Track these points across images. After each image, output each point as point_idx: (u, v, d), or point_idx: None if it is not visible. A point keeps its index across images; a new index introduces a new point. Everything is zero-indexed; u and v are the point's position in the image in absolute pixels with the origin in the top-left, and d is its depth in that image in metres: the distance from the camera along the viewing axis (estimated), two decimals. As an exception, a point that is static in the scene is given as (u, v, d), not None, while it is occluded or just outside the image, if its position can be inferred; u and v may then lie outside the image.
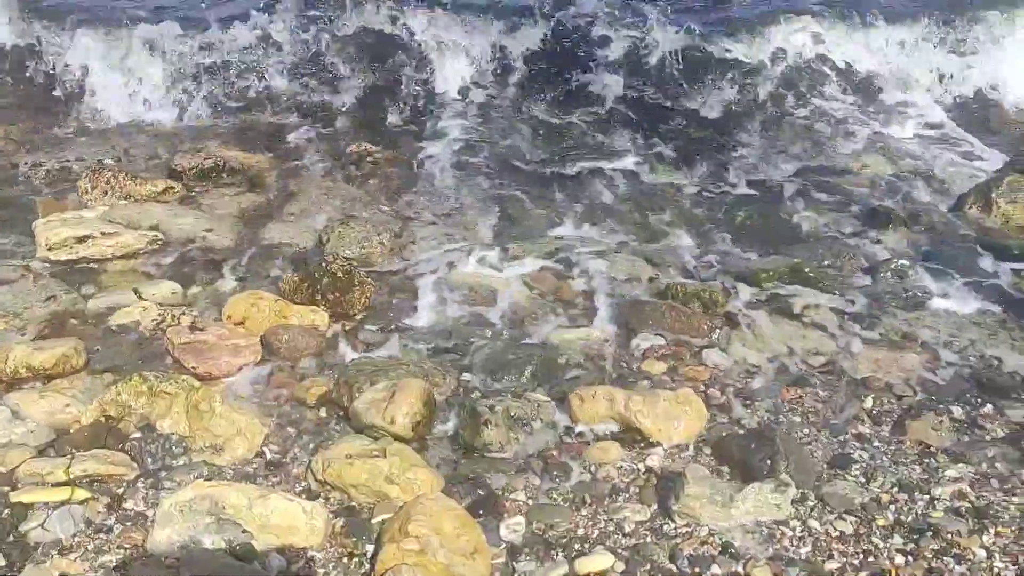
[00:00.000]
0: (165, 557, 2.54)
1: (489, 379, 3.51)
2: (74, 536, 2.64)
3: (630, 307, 4.04)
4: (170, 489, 2.84)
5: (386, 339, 3.82)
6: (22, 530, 2.64)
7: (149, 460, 2.99)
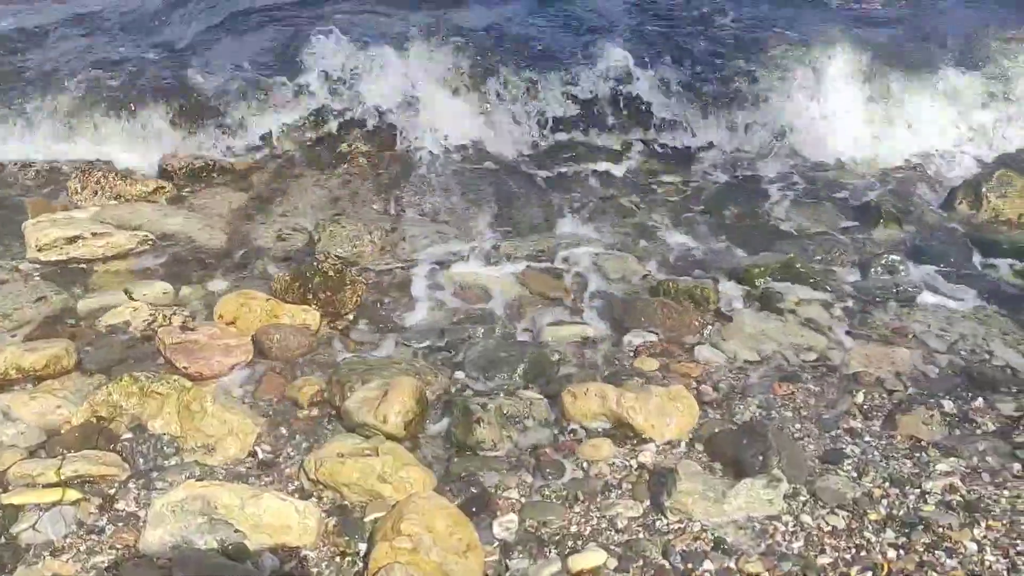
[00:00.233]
0: (157, 558, 2.53)
1: (481, 377, 3.51)
2: (66, 537, 2.63)
3: (622, 304, 4.05)
4: (162, 489, 2.83)
5: (378, 338, 3.83)
6: (13, 532, 2.62)
7: (140, 460, 2.98)
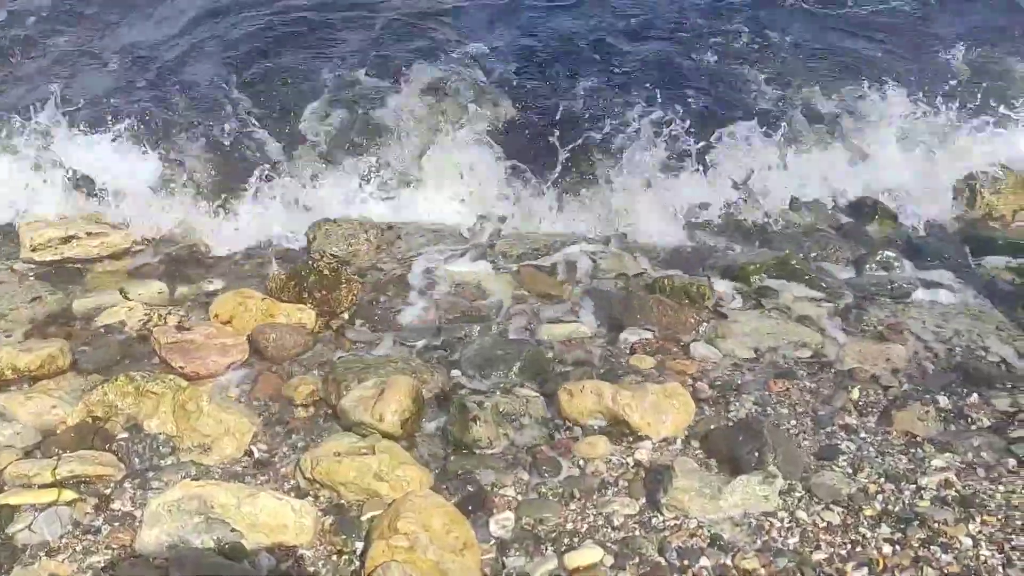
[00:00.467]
0: (154, 557, 2.53)
1: (478, 375, 3.51)
2: (62, 537, 2.63)
3: (618, 302, 4.05)
4: (158, 489, 2.82)
5: (374, 336, 3.82)
6: (9, 532, 2.62)
7: (136, 460, 2.98)
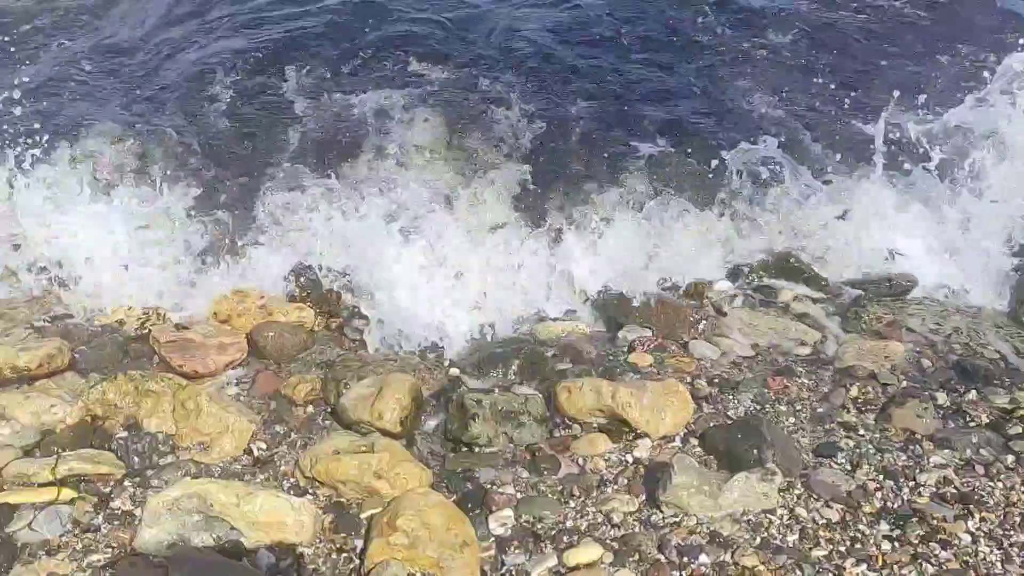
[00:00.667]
0: (153, 556, 2.54)
1: (476, 373, 3.52)
2: (61, 536, 2.63)
3: (617, 299, 4.05)
4: (157, 488, 2.83)
5: (373, 335, 3.81)
6: (9, 531, 2.62)
7: (136, 459, 2.98)
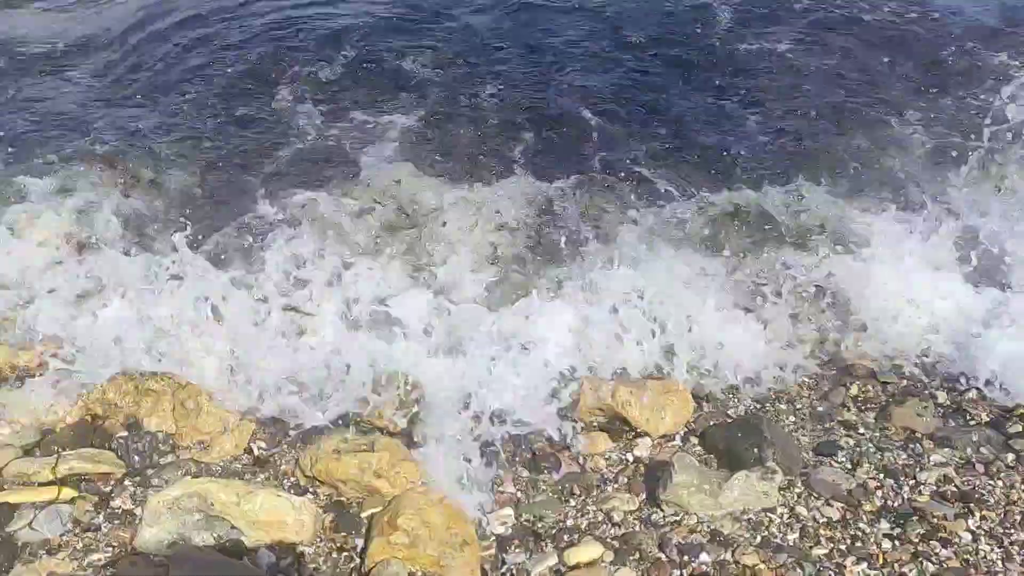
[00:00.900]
0: (154, 555, 2.54)
1: (476, 371, 3.50)
2: (62, 535, 2.63)
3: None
4: (158, 487, 2.83)
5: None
6: (10, 530, 2.63)
7: (136, 458, 2.98)
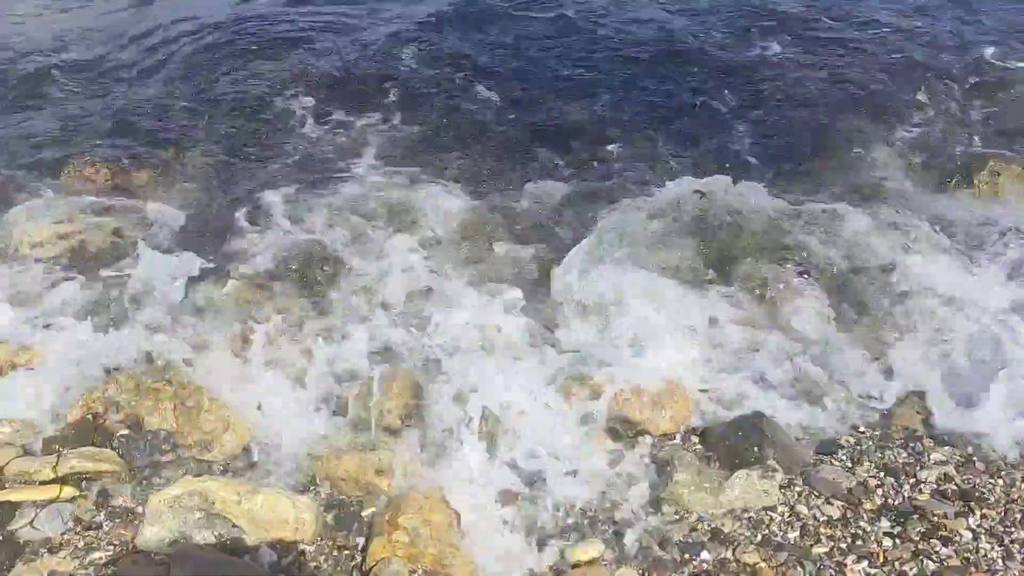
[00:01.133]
0: (155, 553, 2.54)
1: (476, 369, 3.50)
2: (63, 534, 2.64)
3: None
4: (159, 485, 2.83)
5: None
6: (11, 529, 2.63)
7: (137, 457, 2.98)
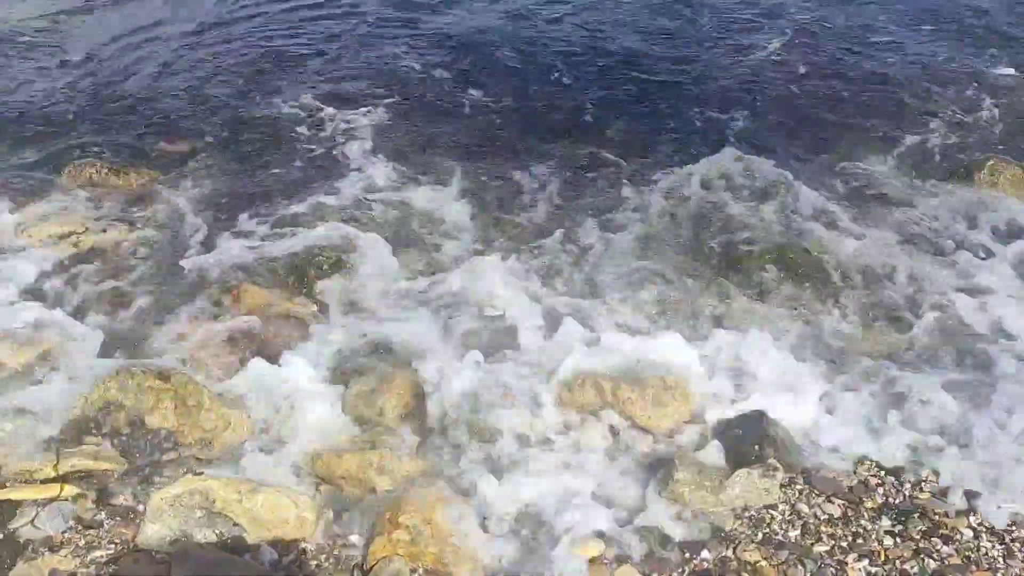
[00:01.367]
0: (156, 551, 2.55)
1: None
2: (64, 532, 2.64)
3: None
4: (160, 484, 2.83)
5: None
6: (12, 527, 2.63)
7: (138, 455, 2.98)
